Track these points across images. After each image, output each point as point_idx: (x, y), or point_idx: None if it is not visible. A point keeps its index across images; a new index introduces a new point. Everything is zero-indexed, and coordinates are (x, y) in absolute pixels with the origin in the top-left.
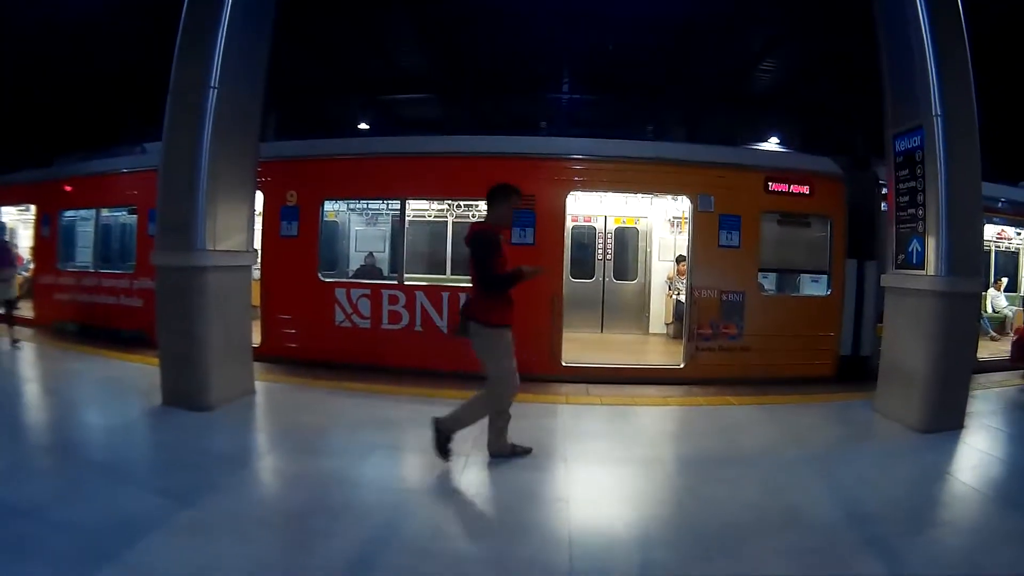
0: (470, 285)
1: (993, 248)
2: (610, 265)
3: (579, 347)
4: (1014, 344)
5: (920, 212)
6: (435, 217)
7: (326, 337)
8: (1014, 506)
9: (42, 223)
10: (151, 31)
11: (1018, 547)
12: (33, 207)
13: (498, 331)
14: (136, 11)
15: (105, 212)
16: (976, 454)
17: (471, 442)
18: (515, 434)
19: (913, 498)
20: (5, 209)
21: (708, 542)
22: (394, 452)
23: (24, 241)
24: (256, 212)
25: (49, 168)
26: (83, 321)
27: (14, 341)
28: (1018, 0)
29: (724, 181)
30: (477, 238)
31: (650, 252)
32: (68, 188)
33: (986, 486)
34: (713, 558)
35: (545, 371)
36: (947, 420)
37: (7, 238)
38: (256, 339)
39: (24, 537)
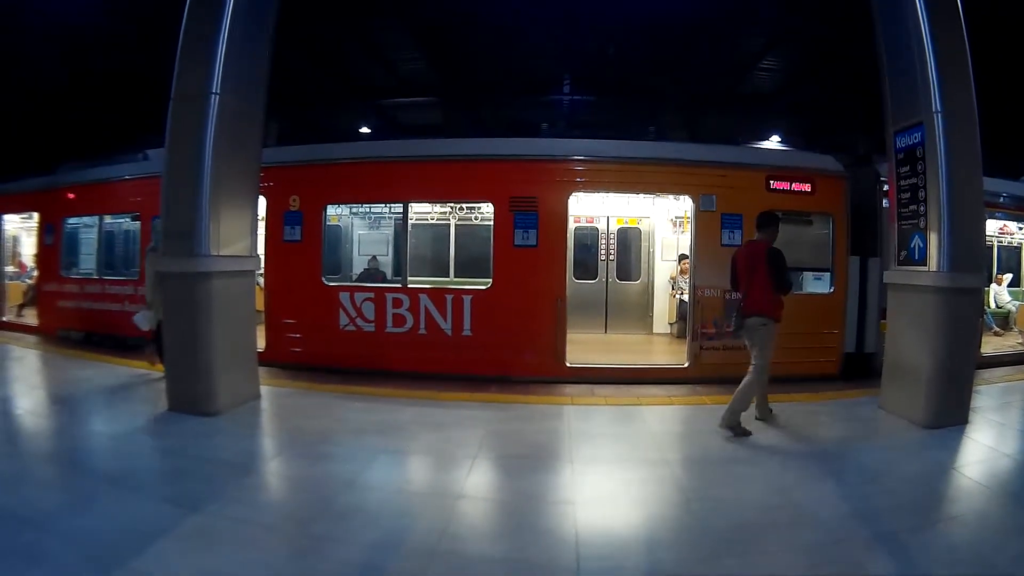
0: (751, 288)
1: (996, 243)
2: (613, 265)
3: (583, 348)
4: None
5: (922, 208)
6: (438, 220)
7: (331, 342)
8: (1019, 501)
9: (45, 231)
10: (152, 38)
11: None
12: (36, 215)
13: (778, 325)
14: (137, 18)
15: (108, 219)
16: (981, 449)
17: (477, 444)
18: (519, 438)
19: (920, 494)
20: (8, 217)
21: (717, 542)
22: (400, 456)
23: (28, 249)
24: (259, 217)
25: (52, 176)
26: (87, 329)
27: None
28: None
29: (726, 180)
30: (772, 253)
31: (653, 252)
32: (71, 196)
33: (991, 481)
34: (722, 557)
35: (550, 373)
36: (952, 416)
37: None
38: (261, 344)
39: (33, 545)
